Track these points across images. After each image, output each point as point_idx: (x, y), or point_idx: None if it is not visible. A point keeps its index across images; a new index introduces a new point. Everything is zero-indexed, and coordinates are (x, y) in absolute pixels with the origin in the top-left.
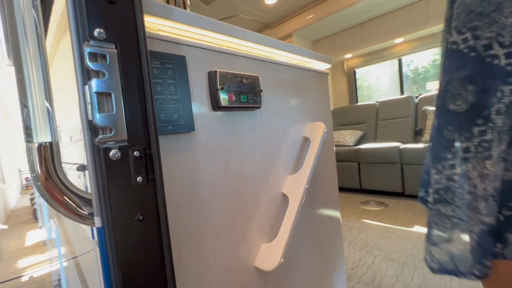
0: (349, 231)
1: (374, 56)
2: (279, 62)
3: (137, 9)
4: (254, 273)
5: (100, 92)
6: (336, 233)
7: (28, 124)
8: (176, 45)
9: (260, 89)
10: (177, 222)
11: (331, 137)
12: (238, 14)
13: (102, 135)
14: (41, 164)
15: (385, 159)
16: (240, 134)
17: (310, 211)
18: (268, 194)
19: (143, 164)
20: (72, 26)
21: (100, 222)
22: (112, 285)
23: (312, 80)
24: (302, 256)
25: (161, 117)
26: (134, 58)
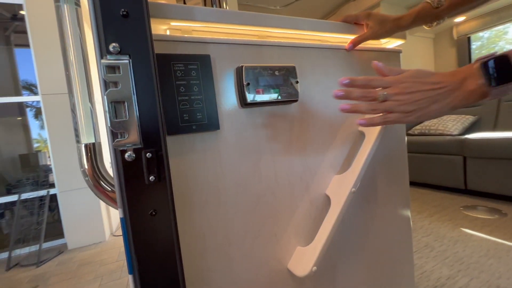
0: (439, 240)
1: (501, 15)
2: (325, 46)
3: (146, 20)
4: (287, 275)
5: (115, 101)
6: (404, 244)
7: (76, 128)
8: (202, 44)
9: (296, 80)
10: (201, 218)
11: (402, 127)
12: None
13: (118, 138)
14: (87, 161)
15: (506, 154)
16: (272, 131)
17: (365, 215)
18: (306, 195)
19: (155, 164)
20: (96, 42)
21: (122, 213)
22: (133, 267)
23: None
24: (352, 267)
25: (185, 117)
26: (145, 67)
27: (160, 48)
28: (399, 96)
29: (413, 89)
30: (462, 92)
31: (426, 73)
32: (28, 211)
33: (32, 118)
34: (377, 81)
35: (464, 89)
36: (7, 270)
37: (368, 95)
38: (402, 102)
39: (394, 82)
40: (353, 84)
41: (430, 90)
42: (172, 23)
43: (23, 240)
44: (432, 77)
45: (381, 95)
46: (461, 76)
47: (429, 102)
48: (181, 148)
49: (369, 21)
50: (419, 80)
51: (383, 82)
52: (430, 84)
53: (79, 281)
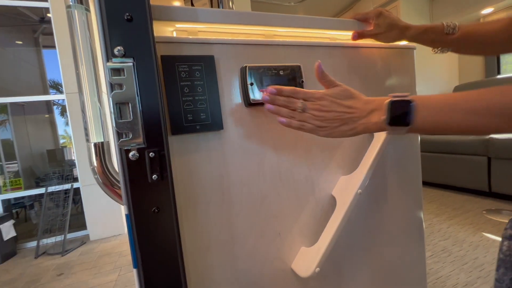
0: (459, 245)
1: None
2: (332, 44)
3: (149, 23)
4: (291, 275)
5: (120, 102)
6: (415, 248)
7: (86, 127)
8: (206, 45)
9: (301, 80)
10: (206, 216)
11: None
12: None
13: (122, 138)
14: (96, 159)
15: None
16: (277, 131)
17: (373, 217)
18: (312, 195)
19: (158, 164)
20: (102, 46)
21: (127, 210)
22: (137, 261)
23: (387, 60)
24: (358, 270)
25: (189, 117)
26: (148, 69)
27: (165, 50)
28: (315, 111)
29: (328, 109)
30: (366, 121)
31: (346, 95)
32: (54, 203)
33: (58, 116)
34: (301, 94)
35: (368, 119)
36: (35, 257)
37: (290, 105)
38: (316, 117)
39: (315, 98)
40: (280, 94)
41: (343, 113)
42: (177, 25)
43: (50, 230)
44: (349, 100)
45: (300, 107)
46: (371, 107)
47: (339, 123)
48: (186, 147)
49: (378, 20)
50: (337, 101)
51: (306, 95)
52: (344, 107)
53: (100, 271)
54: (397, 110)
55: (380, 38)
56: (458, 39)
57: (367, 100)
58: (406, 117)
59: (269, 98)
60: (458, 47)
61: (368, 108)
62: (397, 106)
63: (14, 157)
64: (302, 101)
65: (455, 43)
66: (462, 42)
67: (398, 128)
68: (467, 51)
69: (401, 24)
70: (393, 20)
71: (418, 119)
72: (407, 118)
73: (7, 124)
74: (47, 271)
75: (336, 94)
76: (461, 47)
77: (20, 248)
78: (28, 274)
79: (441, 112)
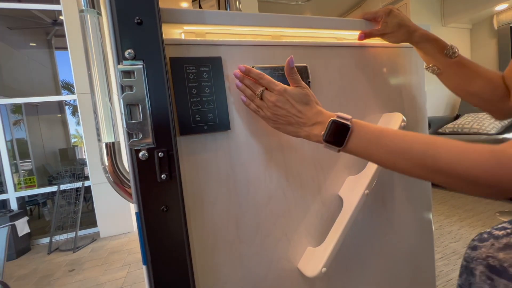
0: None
1: None
2: (339, 44)
3: (158, 26)
4: (297, 275)
5: (131, 103)
6: (424, 250)
7: (98, 127)
8: (213, 46)
9: (308, 80)
10: (213, 215)
11: (424, 127)
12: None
13: (133, 139)
14: (107, 159)
15: None
16: None
17: (381, 218)
18: (318, 195)
19: (167, 163)
20: (113, 49)
21: (137, 208)
22: (147, 259)
23: (395, 59)
24: (365, 271)
25: (197, 118)
26: (157, 71)
27: (174, 52)
28: (270, 103)
29: (282, 105)
30: (308, 130)
31: (302, 99)
32: (66, 201)
33: (70, 115)
34: (265, 81)
35: (311, 129)
36: (48, 253)
37: (252, 88)
38: (269, 109)
39: (275, 90)
40: (248, 74)
41: (292, 115)
42: (185, 27)
43: (62, 227)
44: (303, 106)
45: (259, 93)
46: (317, 120)
47: (286, 123)
48: (193, 147)
49: (387, 19)
50: (291, 102)
51: (269, 85)
52: (295, 110)
53: (110, 268)
54: (334, 131)
55: (387, 38)
56: (451, 65)
57: (317, 111)
58: (339, 139)
59: (239, 75)
60: (446, 73)
61: (314, 119)
62: (335, 127)
63: (28, 156)
64: (264, 88)
65: (447, 67)
66: (453, 69)
67: (331, 147)
68: (451, 81)
69: (409, 25)
70: (402, 20)
71: (350, 144)
72: (340, 140)
73: (22, 124)
74: (59, 267)
75: (294, 95)
76: (449, 75)
77: (33, 244)
78: (41, 270)
79: (369, 144)
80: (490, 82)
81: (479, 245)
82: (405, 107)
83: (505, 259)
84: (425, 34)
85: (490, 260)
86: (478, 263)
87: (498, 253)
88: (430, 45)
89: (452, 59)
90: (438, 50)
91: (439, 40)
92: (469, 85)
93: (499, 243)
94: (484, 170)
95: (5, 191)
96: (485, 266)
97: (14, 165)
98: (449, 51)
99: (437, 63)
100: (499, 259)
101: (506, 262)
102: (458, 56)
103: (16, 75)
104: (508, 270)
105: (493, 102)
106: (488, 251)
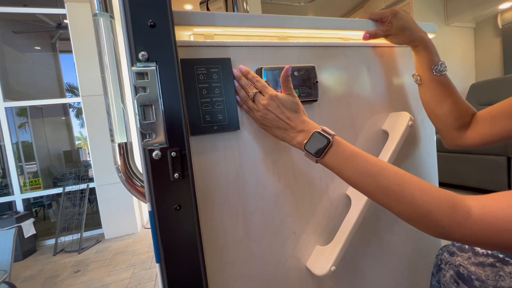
0: None
1: None
2: (346, 44)
3: (171, 28)
4: (306, 273)
5: (144, 104)
6: (432, 250)
7: (111, 128)
8: (222, 48)
9: (315, 80)
10: (223, 214)
11: (431, 126)
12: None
13: (146, 139)
14: (120, 159)
15: None
16: None
17: (388, 218)
18: (326, 194)
19: (179, 163)
20: (127, 51)
21: (150, 207)
22: (160, 257)
23: (402, 59)
24: (374, 271)
25: (207, 118)
26: (170, 72)
27: (184, 54)
28: (261, 106)
29: (272, 110)
30: (294, 136)
31: (292, 107)
32: (71, 202)
33: (74, 118)
34: (260, 85)
35: (296, 135)
36: (54, 255)
37: (246, 88)
38: (259, 111)
39: (268, 95)
40: (246, 76)
41: (281, 120)
42: (195, 29)
43: (67, 228)
44: (292, 113)
45: (251, 95)
46: (303, 128)
47: (274, 126)
48: (204, 147)
49: (393, 20)
50: (281, 108)
51: (263, 89)
52: (284, 116)
53: (115, 269)
54: (316, 142)
55: (391, 39)
56: (432, 81)
57: (304, 120)
58: (318, 151)
59: (237, 74)
60: (424, 87)
61: (300, 127)
62: (318, 138)
63: (33, 158)
64: (257, 91)
65: (428, 81)
66: (432, 85)
67: (310, 155)
68: (425, 96)
69: (413, 28)
70: (407, 23)
71: (326, 157)
72: (318, 152)
73: (27, 126)
74: (65, 268)
75: (285, 101)
76: (426, 90)
77: (39, 246)
78: (47, 271)
79: (343, 161)
80: (458, 110)
81: (457, 253)
82: (411, 106)
83: (475, 273)
84: (424, 41)
85: (461, 268)
86: (450, 268)
87: (471, 266)
88: (423, 54)
89: (436, 76)
90: (427, 62)
91: (433, 53)
92: (438, 107)
93: (476, 259)
94: (442, 212)
95: (11, 193)
96: (455, 272)
97: (20, 167)
98: (437, 68)
99: (421, 73)
100: (469, 270)
101: (474, 275)
102: (442, 75)
103: (21, 79)
104: (473, 281)
105: (451, 129)
106: (463, 261)
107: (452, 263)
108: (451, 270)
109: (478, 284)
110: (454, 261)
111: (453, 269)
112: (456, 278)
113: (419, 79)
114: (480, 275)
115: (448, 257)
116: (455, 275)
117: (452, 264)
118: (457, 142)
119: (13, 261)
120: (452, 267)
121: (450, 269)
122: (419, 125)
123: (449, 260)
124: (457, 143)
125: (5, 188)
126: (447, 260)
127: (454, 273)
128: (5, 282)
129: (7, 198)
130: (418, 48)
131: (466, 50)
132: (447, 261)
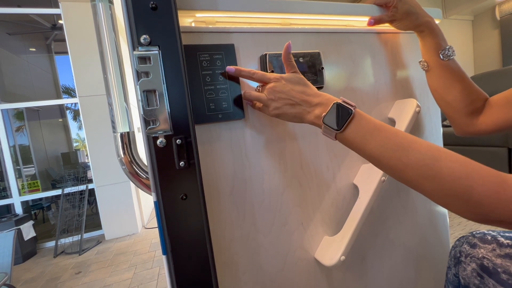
0: None
1: None
2: (350, 30)
3: (174, 11)
4: (314, 264)
5: (147, 90)
6: (439, 241)
7: (113, 119)
8: (226, 34)
9: (321, 67)
10: (229, 205)
11: (437, 116)
12: None
13: (150, 126)
14: (123, 150)
15: None
16: None
17: (396, 208)
18: (333, 184)
19: (185, 150)
20: (128, 35)
21: (155, 197)
22: (166, 248)
23: (406, 46)
24: (382, 261)
25: (211, 106)
26: (173, 57)
27: (186, 40)
28: (269, 90)
29: (281, 90)
30: (309, 111)
31: (300, 82)
32: (70, 204)
33: (71, 120)
34: (258, 75)
35: (312, 110)
36: (54, 256)
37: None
38: (269, 96)
39: (272, 78)
40: (239, 75)
41: (293, 97)
42: (197, 14)
43: (67, 230)
44: (302, 87)
45: (258, 89)
46: (321, 100)
47: (287, 104)
48: (208, 136)
49: (398, 4)
50: (290, 86)
51: (263, 78)
52: (295, 92)
53: (116, 269)
54: (336, 114)
55: (396, 24)
56: (440, 66)
57: (319, 93)
58: (340, 122)
59: (233, 70)
60: (432, 73)
61: (317, 100)
62: (340, 109)
63: (31, 161)
64: (260, 85)
65: (435, 67)
66: (440, 71)
67: (329, 129)
68: (433, 82)
69: (419, 12)
70: (412, 7)
71: (348, 129)
72: (340, 123)
73: (24, 129)
74: (66, 270)
75: (290, 79)
76: (434, 76)
77: (39, 248)
78: (48, 273)
79: (367, 134)
80: (469, 95)
81: (480, 244)
82: (417, 93)
83: (501, 265)
84: (430, 26)
85: (485, 261)
86: (471, 260)
87: (497, 258)
88: (430, 39)
89: (443, 61)
90: (434, 47)
91: (440, 38)
92: (447, 93)
93: (501, 251)
94: (487, 188)
95: (9, 195)
96: (478, 265)
97: (18, 170)
98: (445, 52)
99: (428, 59)
100: (495, 263)
101: (501, 268)
102: (450, 60)
103: (17, 81)
104: (500, 274)
105: (462, 115)
106: (486, 253)
107: (474, 255)
108: (473, 263)
109: (506, 277)
110: (476, 253)
111: (476, 262)
112: (479, 272)
113: (426, 65)
114: (507, 267)
115: (468, 249)
116: (478, 268)
117: (474, 256)
118: (469, 129)
119: (13, 263)
120: (474, 260)
121: (472, 262)
122: (424, 113)
123: (470, 253)
124: (469, 129)
125: (3, 191)
126: (467, 253)
127: (477, 266)
128: (5, 284)
129: (5, 201)
130: (424, 33)
131: (464, 43)
132: (467, 253)
